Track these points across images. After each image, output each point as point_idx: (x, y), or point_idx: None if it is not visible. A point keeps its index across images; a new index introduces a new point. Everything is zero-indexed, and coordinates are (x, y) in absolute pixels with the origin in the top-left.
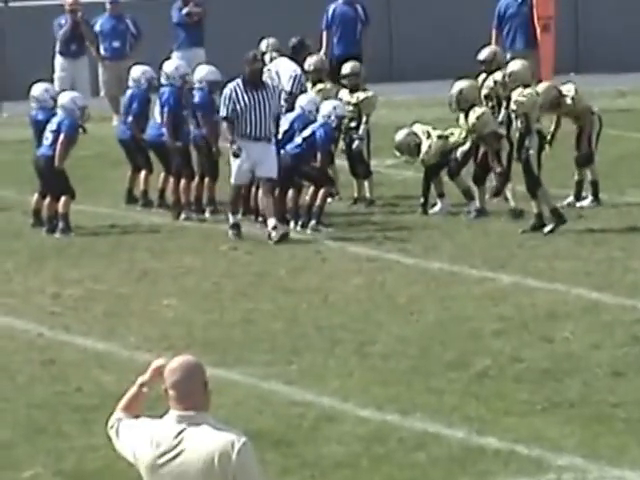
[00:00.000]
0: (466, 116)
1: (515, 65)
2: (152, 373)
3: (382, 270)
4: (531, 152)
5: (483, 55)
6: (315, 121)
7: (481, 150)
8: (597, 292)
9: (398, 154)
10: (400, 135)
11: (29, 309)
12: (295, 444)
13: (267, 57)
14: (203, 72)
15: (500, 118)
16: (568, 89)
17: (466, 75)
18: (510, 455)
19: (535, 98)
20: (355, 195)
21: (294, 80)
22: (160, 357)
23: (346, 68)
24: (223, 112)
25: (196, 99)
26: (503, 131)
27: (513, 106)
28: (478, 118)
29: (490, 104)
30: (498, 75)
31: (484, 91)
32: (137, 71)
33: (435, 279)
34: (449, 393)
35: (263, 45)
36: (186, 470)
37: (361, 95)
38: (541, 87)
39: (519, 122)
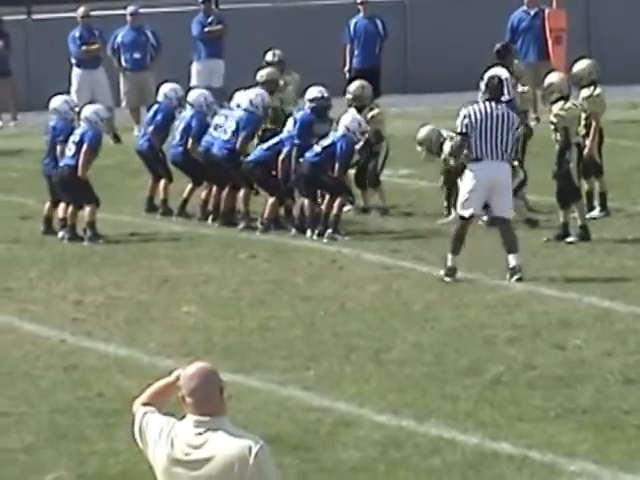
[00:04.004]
0: None
1: (553, 77)
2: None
3: (398, 278)
4: (571, 165)
5: None
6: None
7: None
8: (609, 300)
9: (419, 149)
10: (425, 130)
11: (52, 316)
12: (312, 449)
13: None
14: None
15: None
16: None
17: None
18: (523, 460)
19: (576, 111)
20: (362, 204)
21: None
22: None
23: (348, 93)
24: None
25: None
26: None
27: (554, 119)
28: None
29: None
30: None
31: None
32: (168, 87)
33: (450, 287)
34: (464, 399)
35: (269, 56)
36: (203, 475)
37: (368, 114)
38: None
39: (558, 135)
